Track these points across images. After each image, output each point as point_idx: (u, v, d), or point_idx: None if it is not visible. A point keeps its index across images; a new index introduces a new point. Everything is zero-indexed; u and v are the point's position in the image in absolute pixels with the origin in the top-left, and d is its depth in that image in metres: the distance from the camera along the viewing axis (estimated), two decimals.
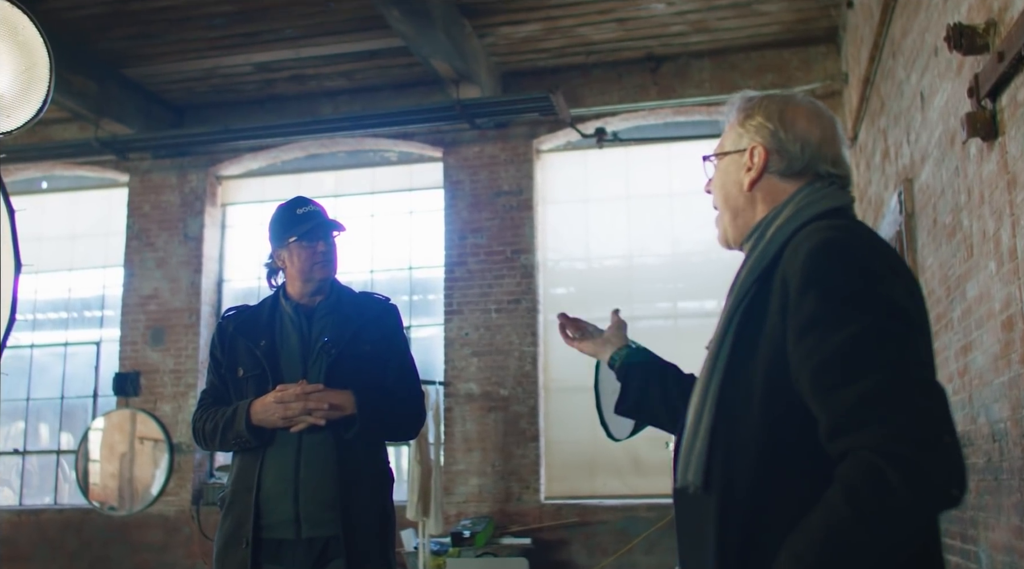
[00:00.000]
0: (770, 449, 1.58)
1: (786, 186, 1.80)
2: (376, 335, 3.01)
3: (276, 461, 2.86)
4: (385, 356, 3.02)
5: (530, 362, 8.13)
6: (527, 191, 8.41)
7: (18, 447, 9.52)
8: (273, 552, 2.83)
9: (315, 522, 2.81)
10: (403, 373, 3.07)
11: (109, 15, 7.28)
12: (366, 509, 2.86)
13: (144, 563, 8.53)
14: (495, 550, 7.24)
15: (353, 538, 2.80)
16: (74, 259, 9.70)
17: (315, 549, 2.81)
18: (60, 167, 9.54)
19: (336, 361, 2.91)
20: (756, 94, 1.90)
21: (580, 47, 8.01)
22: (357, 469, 2.87)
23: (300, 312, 3.00)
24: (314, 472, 2.84)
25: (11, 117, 2.17)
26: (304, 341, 2.96)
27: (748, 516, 1.58)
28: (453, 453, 8.09)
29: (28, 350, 9.69)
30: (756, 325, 1.64)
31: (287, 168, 9.33)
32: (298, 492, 2.82)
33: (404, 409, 3.05)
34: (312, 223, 3.00)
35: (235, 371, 2.99)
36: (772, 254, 1.68)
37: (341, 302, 3.05)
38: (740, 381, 1.63)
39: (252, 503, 2.83)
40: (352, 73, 8.44)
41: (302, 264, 2.99)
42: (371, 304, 3.11)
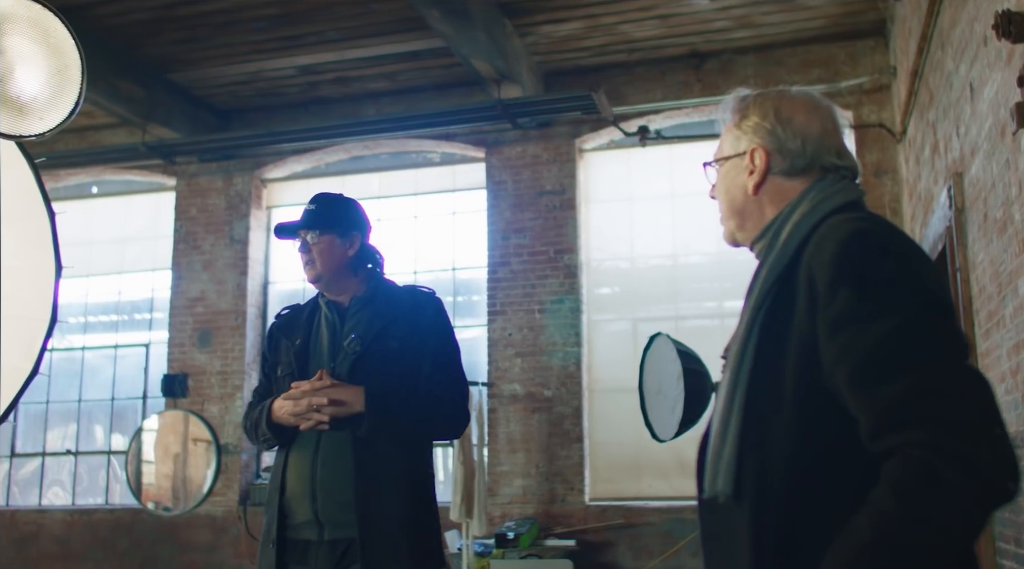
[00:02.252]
0: (805, 452, 1.52)
1: (793, 185, 1.74)
2: (405, 330, 2.88)
3: (297, 461, 2.82)
4: (416, 352, 2.88)
5: (574, 363, 8.08)
6: (570, 190, 8.36)
7: (70, 448, 9.68)
8: (301, 553, 2.79)
9: (335, 524, 2.75)
10: (438, 369, 2.91)
11: (155, 20, 7.36)
12: (388, 512, 2.73)
13: (192, 563, 8.62)
14: (539, 552, 7.19)
15: (372, 542, 2.69)
16: (123, 262, 9.84)
17: (337, 551, 2.74)
18: (109, 172, 9.68)
19: (360, 358, 2.82)
20: (749, 92, 1.84)
21: (622, 45, 7.94)
22: (378, 470, 2.75)
23: (333, 309, 2.96)
24: (331, 472, 2.76)
25: (43, 119, 2.18)
26: (334, 339, 2.91)
27: (785, 524, 1.51)
28: (497, 454, 8.07)
29: (79, 352, 9.85)
30: (781, 325, 1.57)
31: (331, 170, 9.37)
32: (316, 493, 2.76)
33: (433, 408, 2.88)
34: (298, 222, 2.96)
35: (276, 370, 2.98)
36: (792, 251, 1.62)
37: (376, 297, 2.96)
38: (768, 383, 1.57)
39: (277, 503, 2.81)
40: (394, 74, 8.46)
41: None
42: (407, 297, 3.00)
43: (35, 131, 2.18)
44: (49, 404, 9.79)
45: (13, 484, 9.79)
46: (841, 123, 1.79)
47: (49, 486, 9.71)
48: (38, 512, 9.29)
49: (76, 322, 9.99)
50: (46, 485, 9.70)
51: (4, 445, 9.77)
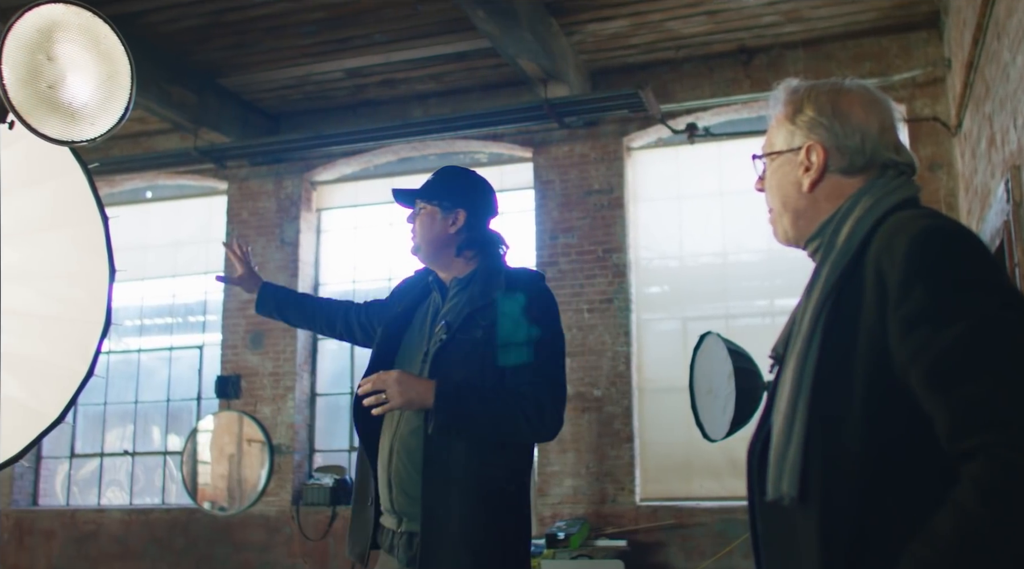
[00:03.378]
0: (876, 453, 1.47)
1: (852, 182, 1.68)
2: (495, 317, 2.64)
3: (381, 448, 2.76)
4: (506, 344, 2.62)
5: (623, 362, 8.04)
6: (618, 189, 8.32)
7: (127, 448, 9.85)
8: (388, 541, 2.73)
9: (409, 516, 2.64)
10: (524, 366, 2.63)
11: (205, 27, 7.46)
12: (455, 516, 2.56)
13: (247, 562, 8.72)
14: (590, 552, 7.17)
15: (432, 541, 2.55)
16: (177, 266, 9.98)
17: (413, 544, 2.62)
18: (163, 177, 9.83)
19: (444, 347, 2.63)
20: (801, 84, 1.79)
21: (669, 42, 7.88)
22: (445, 468, 2.57)
23: (440, 288, 2.86)
24: (404, 464, 2.64)
25: (94, 125, 2.21)
26: (433, 322, 2.79)
27: (855, 527, 1.47)
28: (547, 454, 8.05)
29: (135, 355, 10.02)
30: (847, 323, 1.53)
31: (380, 172, 9.43)
32: (391, 482, 2.67)
33: (515, 408, 2.60)
34: (403, 190, 2.94)
35: (380, 327, 2.97)
36: (855, 249, 1.57)
37: (474, 280, 2.77)
38: (835, 383, 1.52)
39: (373, 490, 2.76)
40: (441, 75, 8.48)
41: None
42: (507, 282, 2.74)
43: (87, 136, 2.21)
44: (107, 406, 9.97)
45: (73, 484, 9.99)
46: (896, 117, 1.73)
47: (107, 486, 9.89)
48: (97, 511, 9.46)
49: (132, 325, 10.16)
50: (104, 485, 9.88)
51: (64, 446, 9.97)
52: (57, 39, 2.13)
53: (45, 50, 2.12)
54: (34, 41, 2.10)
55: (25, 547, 9.47)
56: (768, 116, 1.82)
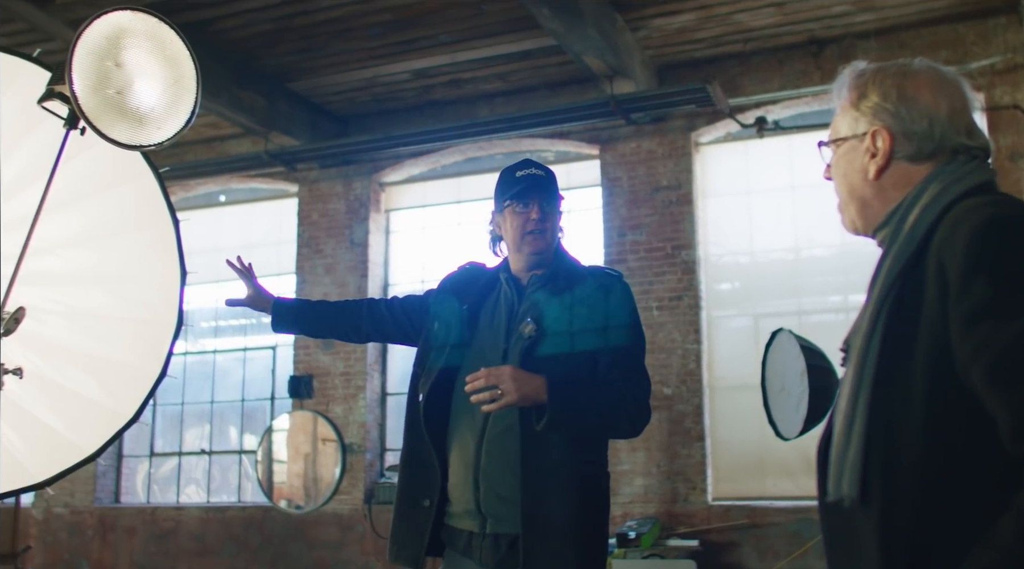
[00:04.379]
0: (937, 453, 1.42)
1: (920, 169, 1.61)
2: (586, 316, 2.65)
3: (459, 446, 2.66)
4: (598, 340, 2.63)
5: (694, 360, 7.95)
6: (686, 185, 8.23)
7: (204, 447, 10.05)
8: (464, 544, 2.65)
9: (498, 517, 2.58)
10: (619, 360, 2.64)
11: (274, 32, 7.57)
12: (556, 511, 2.53)
13: (321, 560, 8.83)
14: (662, 552, 7.10)
15: (536, 542, 2.50)
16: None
17: (502, 546, 2.58)
18: (235, 180, 10.01)
19: (536, 343, 2.59)
20: (867, 67, 1.72)
21: (737, 35, 7.77)
22: (545, 466, 2.53)
23: (513, 286, 2.77)
24: (495, 463, 2.58)
25: (161, 129, 2.25)
26: (512, 317, 2.71)
27: (915, 529, 1.42)
28: (617, 453, 7.99)
29: (211, 355, 10.22)
30: (909, 316, 1.47)
31: (447, 172, 9.47)
32: (478, 483, 2.60)
33: (614, 402, 2.61)
34: (526, 185, 2.70)
35: (433, 322, 2.82)
36: (919, 238, 1.50)
37: (557, 277, 2.72)
38: (895, 379, 1.47)
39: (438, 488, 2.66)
40: (507, 75, 8.49)
41: (514, 231, 2.73)
42: (591, 279, 2.74)
43: (154, 141, 2.24)
44: (184, 405, 10.19)
45: (153, 482, 10.23)
46: (970, 97, 1.65)
47: (186, 484, 10.11)
48: (176, 509, 9.68)
49: (207, 326, 10.37)
50: (183, 483, 10.10)
51: (144, 445, 10.22)
52: (124, 45, 2.17)
53: (113, 56, 2.16)
54: (102, 48, 2.14)
55: (108, 543, 9.73)
56: (834, 102, 1.77)
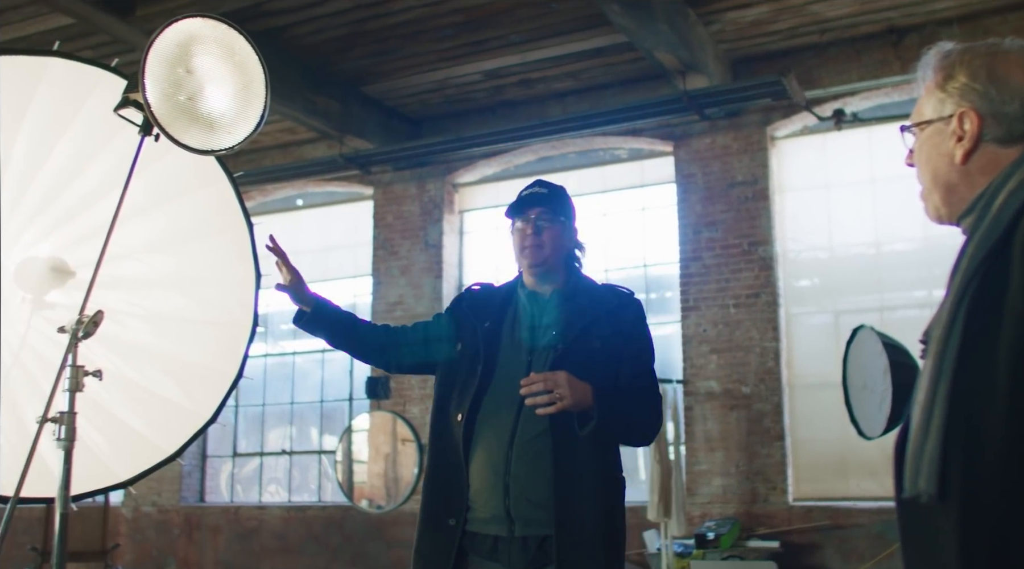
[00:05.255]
0: (1020, 446, 1.36)
1: (1008, 152, 1.52)
2: (609, 330, 2.77)
3: (486, 453, 2.71)
4: (618, 354, 2.76)
5: (772, 358, 7.81)
6: (762, 180, 8.10)
7: (285, 448, 10.22)
8: (489, 549, 2.70)
9: (527, 521, 2.64)
10: (638, 373, 2.79)
11: (347, 36, 7.66)
12: (587, 514, 2.64)
13: (399, 559, 8.90)
14: (742, 553, 6.99)
15: (568, 543, 2.59)
16: (327, 270, 10.29)
17: (530, 549, 2.64)
18: (312, 184, 10.15)
19: (562, 357, 2.68)
20: (953, 47, 1.64)
21: (813, 25, 7.61)
22: (575, 470, 2.64)
23: (533, 301, 2.85)
24: (525, 468, 2.65)
25: (232, 133, 2.28)
26: (533, 332, 2.79)
27: (997, 527, 1.35)
28: (695, 453, 7.91)
29: (291, 357, 10.39)
30: (992, 306, 1.40)
31: (520, 172, 9.47)
32: (508, 488, 2.65)
33: (642, 412, 2.78)
34: (524, 202, 2.85)
35: (455, 345, 2.89)
36: (1005, 224, 1.42)
37: (577, 293, 2.85)
38: (977, 371, 1.40)
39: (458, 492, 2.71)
40: (578, 73, 8.45)
41: (514, 245, 2.87)
42: (608, 297, 2.87)
43: (225, 145, 2.27)
44: (265, 407, 10.38)
45: (236, 482, 10.44)
46: None
47: (267, 484, 10.29)
48: (258, 508, 9.86)
49: (286, 328, 10.53)
50: (265, 482, 10.29)
51: (227, 446, 10.43)
52: (195, 52, 2.20)
53: (184, 63, 2.20)
54: (174, 55, 2.18)
55: (194, 541, 9.95)
56: (918, 84, 1.69)
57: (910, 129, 1.69)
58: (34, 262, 3.04)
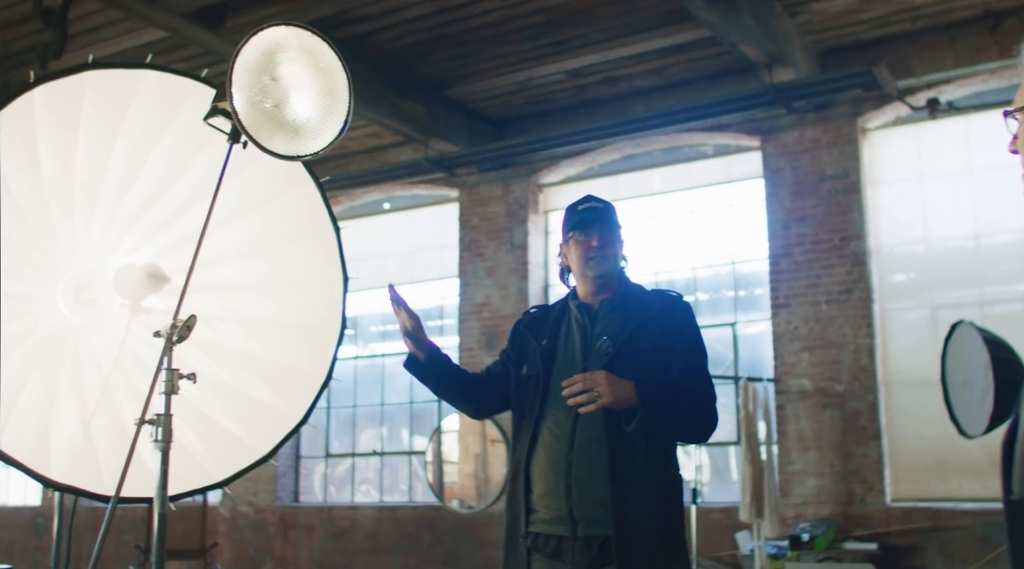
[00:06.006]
0: None
1: None
2: (657, 332, 2.87)
3: (548, 456, 2.83)
4: (668, 354, 2.86)
5: (867, 355, 7.62)
6: (854, 173, 7.90)
7: (376, 449, 10.36)
8: (553, 548, 2.80)
9: (589, 520, 2.74)
10: (689, 372, 2.88)
11: (430, 40, 7.73)
12: (645, 513, 2.73)
13: (491, 559, 8.94)
14: (838, 555, 6.83)
15: (627, 541, 2.68)
16: (414, 273, 10.40)
17: (593, 548, 2.74)
18: (398, 188, 10.27)
19: (613, 359, 2.80)
20: None
21: (905, 13, 7.40)
22: (633, 469, 2.75)
23: (584, 311, 2.97)
24: (586, 468, 2.76)
25: (317, 139, 2.31)
26: (585, 341, 2.91)
27: None
28: (788, 453, 7.76)
29: (380, 359, 10.53)
30: None
31: (604, 171, 9.43)
32: (571, 488, 2.76)
33: (691, 409, 2.85)
34: (585, 216, 2.96)
35: (521, 367, 3.01)
36: None
37: (626, 299, 2.97)
38: None
39: (523, 500, 2.83)
40: (661, 69, 8.37)
41: (578, 259, 2.96)
42: (655, 301, 2.98)
43: (311, 150, 2.31)
44: (356, 408, 10.54)
45: (329, 482, 10.63)
46: None
47: (360, 484, 10.45)
48: (351, 508, 10.01)
49: (376, 331, 10.68)
50: (357, 483, 10.44)
51: (320, 447, 10.62)
52: (279, 60, 2.24)
53: (269, 71, 2.24)
54: (259, 64, 2.22)
55: (289, 541, 10.16)
56: (1020, 69, 1.62)
57: (1013, 114, 1.62)
58: (131, 269, 3.13)
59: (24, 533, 11.86)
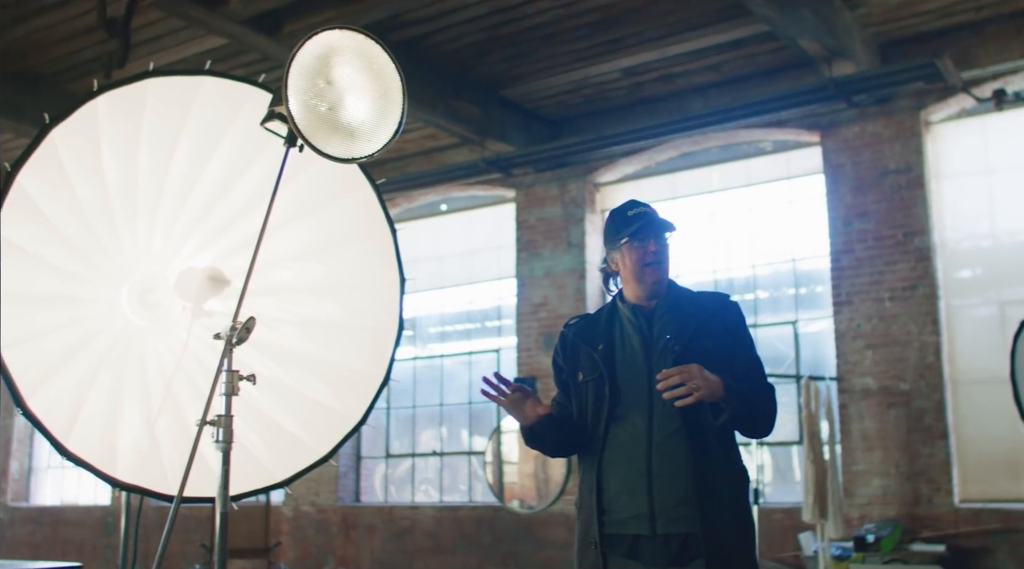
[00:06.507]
0: None
1: None
2: (719, 329, 2.90)
3: (624, 456, 2.82)
4: (730, 351, 2.89)
5: (932, 353, 7.46)
6: (917, 167, 7.74)
7: (436, 449, 10.41)
8: (628, 548, 2.79)
9: (670, 518, 2.73)
10: (750, 368, 2.92)
11: (485, 42, 7.74)
12: (725, 506, 2.75)
13: (549, 559, 8.93)
14: (905, 557, 6.70)
15: (713, 536, 2.69)
16: (472, 273, 10.43)
17: (672, 546, 2.73)
18: (455, 189, 10.31)
19: (680, 358, 2.80)
20: None
21: (968, 3, 7.22)
22: (712, 464, 2.76)
23: (639, 313, 2.96)
24: (667, 465, 2.75)
25: (371, 141, 2.33)
26: (646, 341, 2.91)
27: None
28: (852, 452, 7.63)
29: (439, 360, 10.58)
30: None
31: (661, 169, 9.36)
32: (651, 486, 2.75)
33: (764, 404, 2.89)
34: (641, 222, 2.95)
35: (576, 376, 3.00)
36: None
37: (680, 301, 2.98)
38: None
39: (595, 503, 2.82)
40: (719, 65, 8.29)
41: (633, 265, 2.95)
42: (710, 300, 3.03)
43: (365, 153, 2.33)
44: (416, 409, 10.60)
45: (390, 482, 10.70)
46: None
47: (420, 484, 10.51)
48: (411, 508, 10.07)
49: (434, 332, 10.73)
50: (417, 483, 10.51)
51: (380, 447, 10.71)
52: (333, 63, 2.27)
53: (324, 75, 2.27)
54: (314, 68, 2.25)
55: (351, 540, 10.25)
56: None
57: None
58: (193, 272, 3.19)
59: (95, 532, 12.14)
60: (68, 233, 3.08)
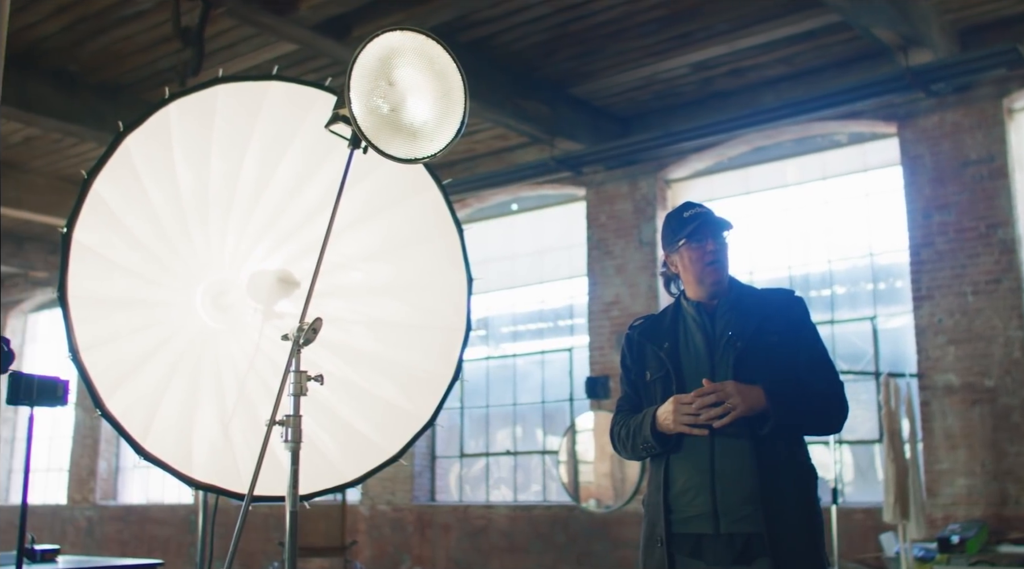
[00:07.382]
0: None
1: None
2: (782, 325, 2.90)
3: (688, 455, 2.81)
4: (794, 347, 2.88)
5: (1019, 348, 7.22)
6: (1000, 157, 7.51)
7: (510, 448, 10.43)
8: (692, 547, 2.78)
9: (734, 517, 2.72)
10: (815, 363, 2.90)
11: (552, 40, 7.73)
12: (790, 505, 2.72)
13: (624, 559, 8.88)
14: (991, 559, 6.50)
15: (778, 535, 2.66)
16: (543, 272, 10.43)
17: (736, 545, 2.71)
18: (525, 188, 10.31)
19: (743, 354, 2.82)
20: None
21: None
22: (776, 462, 2.75)
23: (702, 311, 2.97)
24: (731, 464, 2.75)
25: (434, 141, 2.34)
26: (709, 339, 2.91)
27: None
28: (934, 451, 7.43)
29: (511, 359, 10.59)
30: None
31: (733, 164, 9.24)
32: (715, 485, 2.75)
33: (822, 401, 2.87)
34: (698, 222, 2.96)
35: (643, 376, 3.01)
36: None
37: (743, 298, 2.98)
38: None
39: (662, 501, 2.81)
40: (791, 58, 8.14)
41: (693, 265, 2.95)
42: (773, 296, 3.03)
43: (428, 153, 2.34)
44: (489, 408, 10.63)
45: (464, 482, 10.75)
46: None
47: (494, 483, 10.54)
48: (486, 507, 10.10)
49: (506, 331, 10.75)
50: (492, 482, 10.53)
51: (454, 446, 10.76)
52: (395, 64, 2.28)
53: (386, 76, 2.28)
54: (376, 70, 2.26)
55: (427, 539, 10.33)
56: None
57: None
58: (263, 274, 3.24)
59: (179, 530, 12.44)
60: (143, 237, 3.15)
